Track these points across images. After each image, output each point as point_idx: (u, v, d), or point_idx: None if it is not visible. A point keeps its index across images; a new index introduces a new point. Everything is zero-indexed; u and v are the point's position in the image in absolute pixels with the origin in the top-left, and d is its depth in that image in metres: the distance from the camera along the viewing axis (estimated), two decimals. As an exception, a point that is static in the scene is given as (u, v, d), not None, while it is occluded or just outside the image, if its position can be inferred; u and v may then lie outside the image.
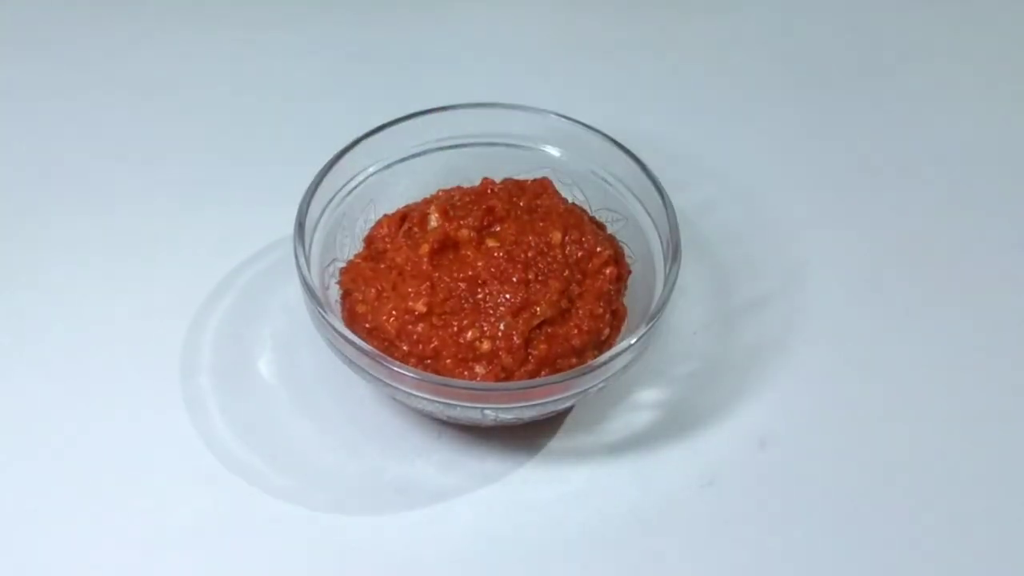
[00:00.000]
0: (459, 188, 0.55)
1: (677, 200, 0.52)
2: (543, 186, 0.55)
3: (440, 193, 0.55)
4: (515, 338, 0.49)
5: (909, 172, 0.65)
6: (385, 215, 0.54)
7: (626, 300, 0.53)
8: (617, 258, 0.53)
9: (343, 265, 0.54)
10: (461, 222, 0.52)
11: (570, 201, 0.56)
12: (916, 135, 0.67)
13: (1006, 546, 0.50)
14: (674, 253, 0.50)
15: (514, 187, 0.54)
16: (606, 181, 0.56)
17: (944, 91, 0.69)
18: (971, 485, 0.52)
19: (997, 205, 0.63)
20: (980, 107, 0.68)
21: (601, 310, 0.51)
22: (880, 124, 0.67)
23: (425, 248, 0.51)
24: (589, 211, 0.56)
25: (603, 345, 0.51)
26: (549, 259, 0.51)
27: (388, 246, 0.53)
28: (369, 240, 0.54)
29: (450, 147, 0.56)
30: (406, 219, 0.54)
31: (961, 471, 0.52)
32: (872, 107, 0.68)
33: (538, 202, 0.54)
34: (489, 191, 0.54)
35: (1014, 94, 0.69)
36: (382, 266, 0.52)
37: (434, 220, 0.53)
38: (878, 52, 0.70)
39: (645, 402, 0.54)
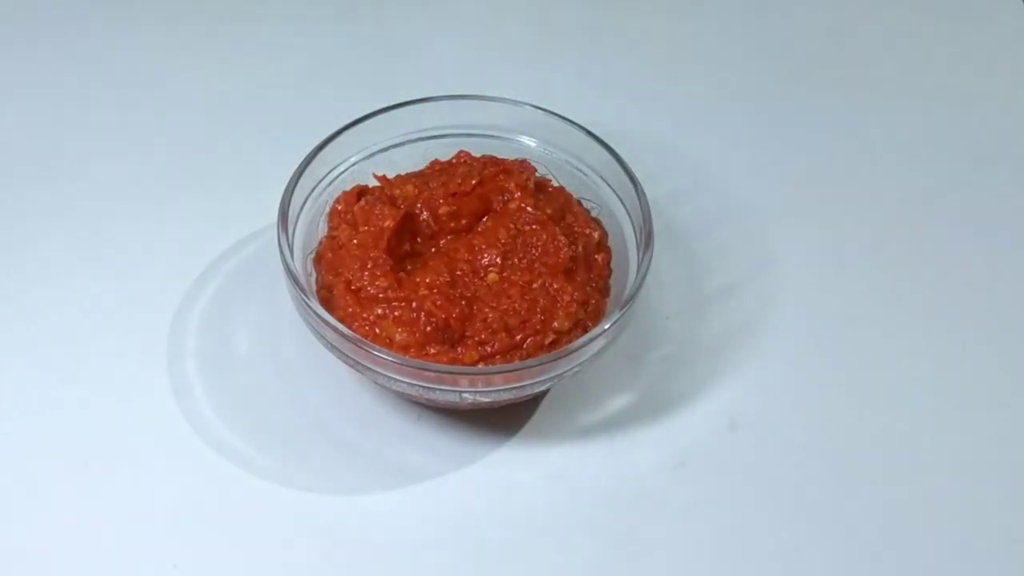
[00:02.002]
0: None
1: (650, 190, 0.52)
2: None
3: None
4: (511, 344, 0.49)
5: (872, 165, 0.65)
6: (343, 192, 0.54)
7: (601, 285, 0.53)
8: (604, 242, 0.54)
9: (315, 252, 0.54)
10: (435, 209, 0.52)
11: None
12: (879, 130, 0.67)
13: (972, 522, 0.50)
14: (647, 241, 0.50)
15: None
16: (581, 171, 0.56)
17: (904, 90, 0.69)
18: (935, 464, 0.52)
19: (953, 196, 0.63)
20: (937, 105, 0.69)
21: (594, 300, 0.51)
22: (845, 120, 0.67)
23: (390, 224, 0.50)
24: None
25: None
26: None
27: (344, 221, 0.52)
28: (329, 217, 0.54)
29: (430, 137, 0.56)
30: (363, 195, 0.53)
31: (925, 450, 0.52)
32: (837, 104, 0.68)
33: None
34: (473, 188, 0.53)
35: (969, 92, 0.70)
36: (341, 249, 0.51)
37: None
38: (844, 52, 0.72)
39: (619, 385, 0.54)
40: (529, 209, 0.51)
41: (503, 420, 0.52)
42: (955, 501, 0.51)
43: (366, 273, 0.49)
